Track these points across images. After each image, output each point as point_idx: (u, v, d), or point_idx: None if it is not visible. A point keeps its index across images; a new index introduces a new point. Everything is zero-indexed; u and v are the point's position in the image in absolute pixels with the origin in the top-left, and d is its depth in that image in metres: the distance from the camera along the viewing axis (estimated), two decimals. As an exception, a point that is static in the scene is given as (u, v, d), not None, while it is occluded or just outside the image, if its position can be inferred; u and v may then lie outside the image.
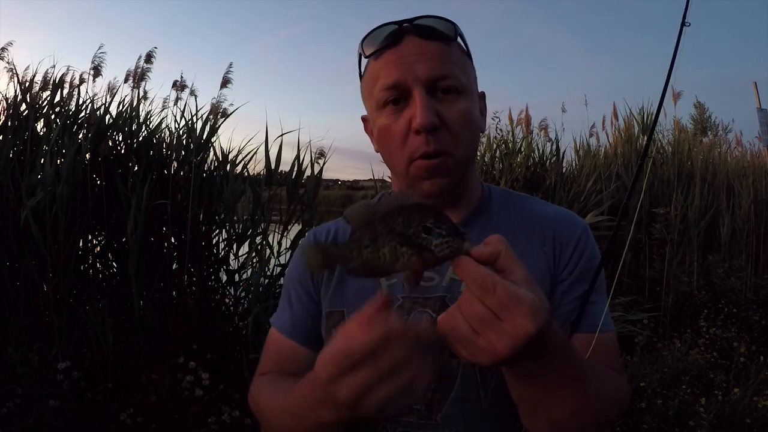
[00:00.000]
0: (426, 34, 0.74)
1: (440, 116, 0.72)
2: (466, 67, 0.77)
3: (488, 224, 0.80)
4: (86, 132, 3.15)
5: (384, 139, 0.76)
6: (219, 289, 3.29)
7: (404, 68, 0.72)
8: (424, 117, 0.70)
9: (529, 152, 4.51)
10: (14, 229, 2.73)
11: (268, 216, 3.25)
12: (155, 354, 2.58)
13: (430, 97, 0.72)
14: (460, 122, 0.73)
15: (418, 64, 0.72)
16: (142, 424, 2.32)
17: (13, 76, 3.23)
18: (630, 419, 2.62)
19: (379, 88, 0.74)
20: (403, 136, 0.73)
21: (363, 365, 0.48)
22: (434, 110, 0.71)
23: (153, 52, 3.35)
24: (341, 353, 0.49)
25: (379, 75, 0.75)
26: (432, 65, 0.72)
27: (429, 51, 0.73)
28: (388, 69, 0.73)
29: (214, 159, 3.42)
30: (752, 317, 4.16)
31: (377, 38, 0.75)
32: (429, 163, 0.73)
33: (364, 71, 0.80)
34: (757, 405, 2.67)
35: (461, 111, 0.73)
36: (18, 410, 2.25)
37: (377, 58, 0.76)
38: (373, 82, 0.76)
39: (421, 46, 0.73)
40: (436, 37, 0.74)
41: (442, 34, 0.74)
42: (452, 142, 0.73)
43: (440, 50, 0.74)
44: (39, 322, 2.74)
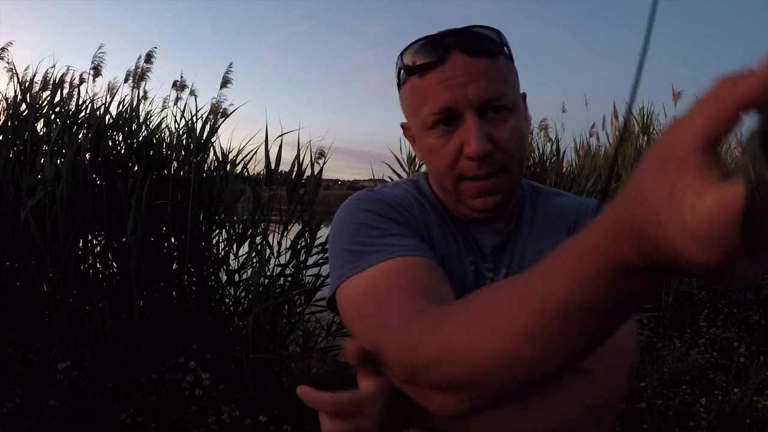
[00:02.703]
0: (472, 49, 0.70)
1: (492, 138, 0.70)
2: (512, 77, 0.75)
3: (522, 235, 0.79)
4: (86, 132, 3.15)
5: (433, 158, 0.74)
6: (219, 289, 3.29)
7: (454, 91, 0.69)
8: (479, 145, 0.68)
9: (529, 152, 4.51)
10: (14, 229, 2.73)
11: (268, 216, 3.25)
12: (155, 354, 2.58)
13: (482, 120, 0.70)
14: (511, 141, 0.71)
15: (468, 86, 0.69)
16: (142, 424, 2.32)
17: (13, 76, 3.24)
18: (630, 419, 2.63)
19: (428, 111, 0.71)
20: (454, 158, 0.71)
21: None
22: (487, 135, 0.69)
23: (153, 52, 3.35)
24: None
25: (426, 97, 0.71)
26: (482, 87, 0.69)
27: (478, 70, 0.69)
28: (437, 92, 0.70)
29: (214, 159, 3.42)
30: (752, 317, 4.16)
31: (420, 53, 0.72)
32: (481, 185, 0.71)
33: (404, 84, 0.76)
34: (757, 405, 2.67)
35: (512, 130, 0.72)
36: (18, 410, 2.25)
37: (422, 76, 0.72)
38: (419, 101, 0.73)
39: (468, 65, 0.69)
40: (482, 52, 0.70)
41: (489, 50, 0.71)
42: (506, 160, 0.71)
43: (488, 68, 0.70)
44: (39, 322, 2.74)
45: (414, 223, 0.74)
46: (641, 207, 0.33)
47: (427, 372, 0.51)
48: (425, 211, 0.77)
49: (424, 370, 0.51)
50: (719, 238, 0.28)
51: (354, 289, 0.66)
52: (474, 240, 0.78)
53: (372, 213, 0.72)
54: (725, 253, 0.28)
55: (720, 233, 0.28)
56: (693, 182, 0.29)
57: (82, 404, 2.41)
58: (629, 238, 0.34)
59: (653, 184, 0.32)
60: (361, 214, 0.72)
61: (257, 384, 2.50)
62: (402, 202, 0.76)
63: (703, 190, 0.29)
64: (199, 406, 2.32)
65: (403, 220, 0.73)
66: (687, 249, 0.30)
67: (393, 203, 0.75)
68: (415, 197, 0.78)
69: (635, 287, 0.37)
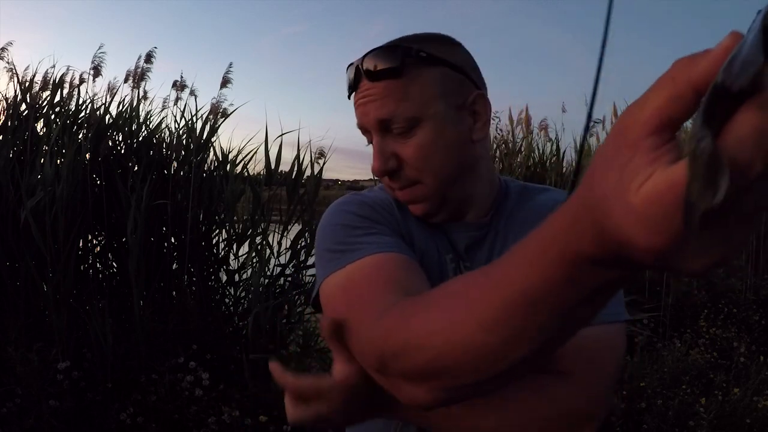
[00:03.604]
0: (371, 76, 0.73)
1: (398, 156, 0.73)
2: (420, 89, 0.72)
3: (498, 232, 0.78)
4: (86, 132, 3.15)
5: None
6: (219, 289, 3.29)
7: (362, 112, 0.75)
8: (375, 165, 0.73)
9: (529, 152, 4.51)
10: (14, 229, 2.73)
11: (268, 216, 3.25)
12: (155, 354, 2.58)
13: (387, 138, 0.73)
14: (417, 156, 0.73)
15: (368, 106, 0.73)
16: (142, 424, 2.32)
17: (13, 76, 3.24)
18: (630, 419, 2.63)
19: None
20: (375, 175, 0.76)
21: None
22: (389, 154, 0.73)
23: (153, 52, 3.35)
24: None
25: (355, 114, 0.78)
26: (377, 108, 0.73)
27: (376, 93, 0.73)
28: (355, 112, 0.77)
29: (214, 159, 3.42)
30: (752, 317, 4.16)
31: (348, 77, 0.78)
32: (403, 194, 0.75)
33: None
34: (757, 405, 2.67)
35: (417, 146, 0.72)
36: (18, 410, 2.25)
37: (350, 97, 0.79)
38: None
39: (368, 87, 0.74)
40: (379, 76, 0.73)
41: (385, 72, 0.72)
42: (417, 174, 0.73)
43: (386, 89, 0.72)
44: (39, 322, 2.74)
45: (394, 222, 0.76)
46: (593, 193, 0.32)
47: (394, 361, 0.51)
48: (405, 211, 0.79)
49: (392, 358, 0.52)
50: (662, 220, 0.27)
51: (333, 285, 0.67)
52: (449, 239, 0.79)
53: (353, 214, 0.75)
54: (670, 236, 0.28)
55: (663, 215, 0.27)
56: (642, 165, 0.28)
57: (82, 404, 2.41)
58: (586, 228, 0.33)
59: (606, 169, 0.31)
60: (343, 215, 0.75)
61: (257, 384, 2.50)
62: (383, 203, 0.78)
63: (650, 173, 0.28)
64: (199, 406, 2.32)
65: (383, 220, 0.75)
66: (632, 233, 0.29)
67: (374, 205, 0.77)
68: (395, 198, 0.80)
69: (598, 281, 0.36)
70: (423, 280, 0.66)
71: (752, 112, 0.26)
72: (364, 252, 0.67)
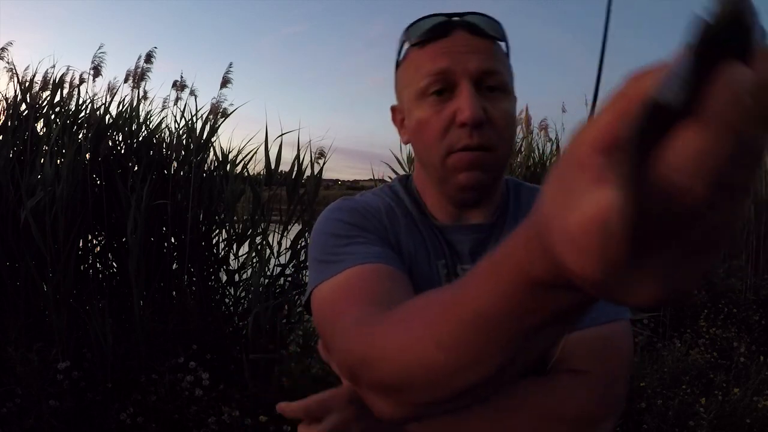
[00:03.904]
0: (476, 30, 0.73)
1: (486, 112, 0.70)
2: (509, 68, 0.77)
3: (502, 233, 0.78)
4: (86, 132, 3.15)
5: (422, 129, 0.74)
6: (219, 289, 3.29)
7: (453, 58, 0.71)
8: (473, 110, 0.68)
9: (529, 152, 4.51)
10: (14, 229, 2.73)
11: (268, 216, 3.25)
12: (155, 354, 2.58)
13: (475, 90, 0.70)
14: (504, 121, 0.72)
15: (468, 56, 0.71)
16: (142, 424, 2.32)
17: (13, 76, 3.24)
18: (630, 419, 2.63)
19: (424, 74, 0.72)
20: (445, 128, 0.71)
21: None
22: (479, 103, 0.70)
23: (153, 52, 3.35)
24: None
25: (423, 63, 0.73)
26: (482, 59, 0.71)
27: (479, 46, 0.72)
28: (436, 58, 0.72)
29: (214, 159, 3.42)
30: (752, 317, 4.16)
31: (424, 27, 0.74)
32: (472, 155, 0.71)
33: (403, 59, 0.78)
34: (757, 405, 2.67)
35: (505, 110, 0.73)
36: (18, 410, 2.25)
37: (422, 47, 0.74)
38: (415, 69, 0.74)
39: (470, 39, 0.72)
40: (485, 34, 0.73)
41: (491, 33, 0.74)
42: (496, 138, 0.71)
43: (489, 47, 0.73)
44: (39, 322, 2.74)
45: (382, 229, 0.74)
46: (542, 212, 0.30)
47: (361, 372, 0.51)
48: (395, 218, 0.77)
49: (359, 369, 0.51)
50: (595, 246, 0.25)
51: (319, 297, 0.68)
52: (449, 242, 0.77)
53: (342, 222, 0.73)
54: (604, 264, 0.25)
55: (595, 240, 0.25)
56: (583, 185, 0.26)
57: (82, 404, 2.41)
58: (536, 249, 0.31)
59: (555, 187, 0.29)
60: (332, 224, 0.74)
61: (257, 384, 2.50)
62: (372, 209, 0.77)
63: (589, 194, 0.25)
64: (199, 406, 2.32)
65: (371, 227, 0.73)
66: (567, 259, 0.27)
67: (363, 211, 0.75)
68: (386, 204, 0.78)
69: (556, 304, 0.33)
70: (406, 291, 0.65)
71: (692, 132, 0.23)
72: (349, 263, 0.67)
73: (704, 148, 0.23)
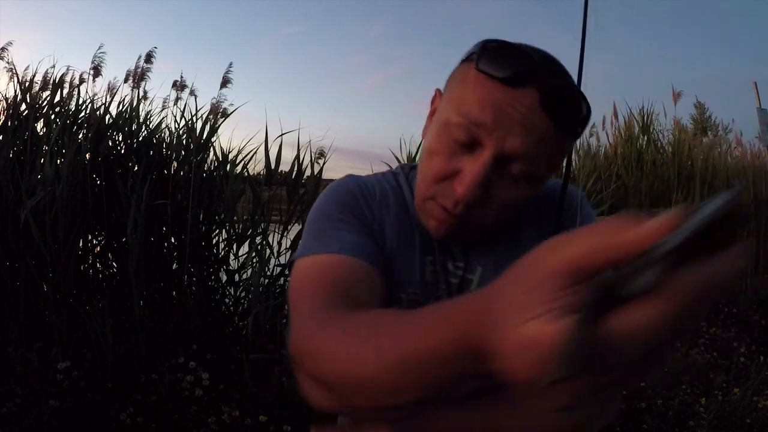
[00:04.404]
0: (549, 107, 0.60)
1: (489, 188, 0.63)
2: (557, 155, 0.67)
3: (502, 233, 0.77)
4: (86, 132, 3.15)
5: (426, 157, 0.69)
6: (219, 289, 3.29)
7: (500, 121, 0.61)
8: (469, 192, 0.62)
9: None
10: (14, 229, 2.73)
11: (268, 216, 3.25)
12: (155, 354, 2.58)
13: (493, 167, 0.62)
14: (506, 206, 0.66)
15: (513, 128, 0.60)
16: (142, 424, 2.32)
17: (13, 76, 3.24)
18: (630, 419, 2.63)
19: (463, 111, 0.63)
20: (442, 176, 0.66)
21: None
22: (486, 183, 0.62)
23: (153, 52, 3.35)
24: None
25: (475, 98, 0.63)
26: (524, 144, 0.61)
27: (534, 126, 0.61)
28: (485, 104, 0.61)
29: (214, 159, 3.42)
30: (752, 317, 4.16)
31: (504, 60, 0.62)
32: (447, 217, 0.67)
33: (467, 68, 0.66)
34: (757, 405, 2.67)
35: (516, 197, 0.65)
36: (18, 410, 2.25)
37: (489, 79, 0.62)
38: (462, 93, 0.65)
39: (533, 112, 0.60)
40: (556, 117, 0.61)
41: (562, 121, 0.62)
42: (487, 214, 0.66)
43: (548, 131, 0.61)
44: (39, 322, 2.74)
45: (370, 215, 0.73)
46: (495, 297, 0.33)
47: (302, 358, 0.53)
48: (386, 206, 0.75)
49: (301, 355, 0.53)
50: (530, 365, 0.29)
51: (297, 270, 0.68)
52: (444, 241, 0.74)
53: (335, 203, 0.73)
54: (539, 376, 0.29)
55: (532, 360, 0.29)
56: (534, 303, 0.29)
57: (82, 404, 2.41)
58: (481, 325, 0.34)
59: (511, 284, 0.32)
60: (327, 202, 0.74)
61: (257, 384, 2.50)
62: (369, 193, 0.75)
63: (537, 314, 0.29)
64: (199, 406, 2.32)
65: (360, 213, 0.73)
66: (505, 363, 0.31)
67: (359, 193, 0.74)
68: (383, 190, 0.77)
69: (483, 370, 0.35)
70: (372, 290, 0.65)
71: (640, 311, 0.27)
72: (330, 248, 0.67)
73: (655, 324, 0.27)
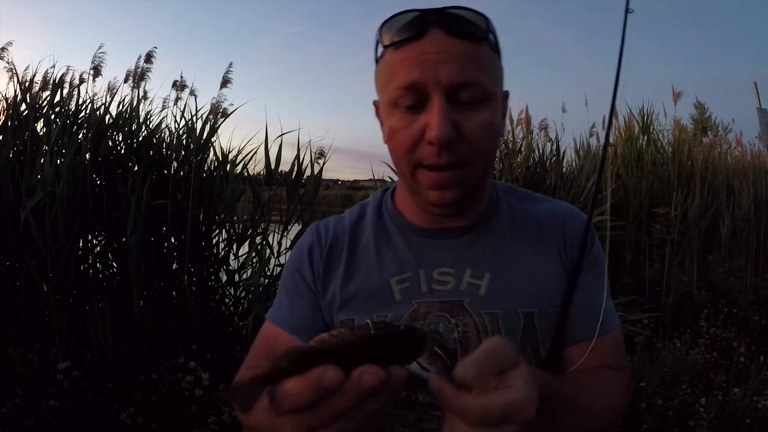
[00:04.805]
0: (454, 29, 0.65)
1: (459, 126, 0.66)
2: (494, 68, 0.70)
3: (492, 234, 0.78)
4: (86, 132, 3.15)
5: (392, 140, 0.70)
6: (219, 289, 3.29)
7: (425, 68, 0.65)
8: (441, 130, 0.64)
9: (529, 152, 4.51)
10: (14, 229, 2.73)
11: (268, 216, 3.25)
12: (155, 354, 2.58)
13: (450, 106, 0.66)
14: (479, 134, 0.67)
15: (441, 65, 0.64)
16: (142, 424, 2.32)
17: (13, 76, 3.23)
18: (630, 419, 2.62)
19: (395, 85, 0.67)
20: (414, 142, 0.67)
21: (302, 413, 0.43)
22: (452, 121, 0.65)
23: (153, 52, 3.35)
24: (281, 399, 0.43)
25: (396, 70, 0.67)
26: (456, 69, 0.65)
27: (455, 51, 0.65)
28: (408, 67, 0.66)
29: (214, 159, 3.42)
30: (752, 317, 4.16)
31: (398, 26, 0.67)
32: (440, 176, 0.68)
33: (380, 58, 0.72)
34: (757, 405, 2.67)
35: (482, 123, 0.67)
36: (18, 410, 2.24)
37: (397, 49, 0.67)
38: (389, 75, 0.69)
39: (446, 44, 0.65)
40: (464, 34, 0.66)
41: (471, 32, 0.66)
42: (470, 153, 0.68)
43: (467, 51, 0.66)
44: (39, 322, 2.74)
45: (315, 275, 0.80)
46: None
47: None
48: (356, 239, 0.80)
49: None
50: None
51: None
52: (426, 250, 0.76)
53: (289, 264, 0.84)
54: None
55: None
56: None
57: (82, 404, 2.41)
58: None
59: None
60: (288, 261, 0.85)
61: (257, 384, 2.49)
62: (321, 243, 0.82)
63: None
64: (199, 406, 2.32)
65: (304, 275, 0.81)
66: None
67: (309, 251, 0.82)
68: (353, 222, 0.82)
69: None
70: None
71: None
72: (272, 315, 0.82)
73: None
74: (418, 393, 0.73)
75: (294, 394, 0.41)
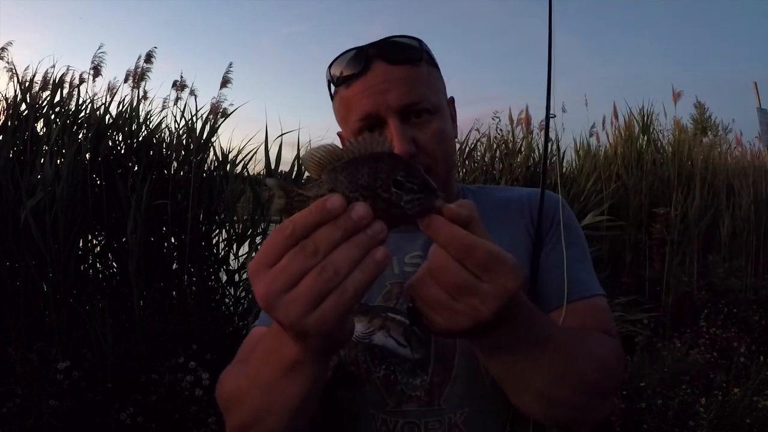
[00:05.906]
0: (393, 58, 0.74)
1: (416, 141, 0.74)
2: (435, 82, 0.79)
3: None
4: (86, 132, 3.15)
5: None
6: (219, 289, 3.29)
7: (376, 98, 0.73)
8: (401, 147, 0.72)
9: (529, 152, 4.51)
10: (14, 229, 2.73)
11: (268, 216, 3.25)
12: (155, 354, 2.58)
13: (405, 125, 0.74)
14: (435, 143, 0.76)
15: (388, 92, 0.73)
16: (142, 424, 2.32)
17: (13, 76, 3.24)
18: (630, 419, 2.63)
19: (354, 119, 0.76)
20: None
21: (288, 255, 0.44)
22: (409, 138, 0.74)
23: (153, 52, 3.35)
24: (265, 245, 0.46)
25: (351, 105, 0.76)
26: (403, 92, 0.73)
27: (398, 77, 0.74)
28: (360, 100, 0.75)
29: (214, 159, 3.42)
30: (752, 317, 4.16)
31: (344, 64, 0.77)
32: None
33: (334, 95, 0.82)
34: (757, 405, 2.67)
35: (435, 131, 0.76)
36: (18, 410, 2.25)
37: (348, 86, 0.77)
38: (346, 110, 0.78)
39: (389, 72, 0.74)
40: (403, 60, 0.75)
41: (409, 57, 0.76)
42: (430, 161, 0.76)
43: (409, 74, 0.75)
44: (39, 322, 2.74)
45: None
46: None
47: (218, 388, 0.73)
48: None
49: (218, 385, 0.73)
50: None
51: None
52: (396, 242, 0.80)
53: None
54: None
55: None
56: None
57: (82, 404, 2.41)
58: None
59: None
60: None
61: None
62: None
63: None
64: (199, 406, 2.32)
65: None
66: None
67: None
68: None
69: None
70: None
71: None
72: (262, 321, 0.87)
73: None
74: (397, 373, 0.75)
75: (302, 214, 0.45)
